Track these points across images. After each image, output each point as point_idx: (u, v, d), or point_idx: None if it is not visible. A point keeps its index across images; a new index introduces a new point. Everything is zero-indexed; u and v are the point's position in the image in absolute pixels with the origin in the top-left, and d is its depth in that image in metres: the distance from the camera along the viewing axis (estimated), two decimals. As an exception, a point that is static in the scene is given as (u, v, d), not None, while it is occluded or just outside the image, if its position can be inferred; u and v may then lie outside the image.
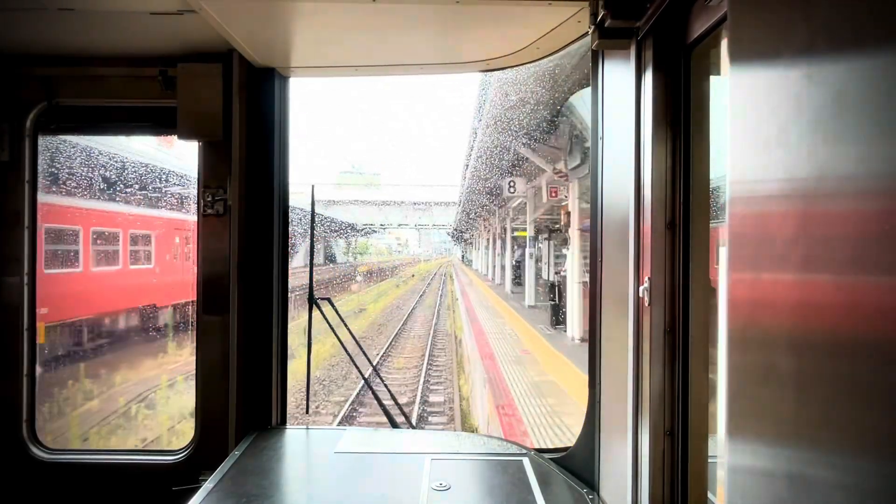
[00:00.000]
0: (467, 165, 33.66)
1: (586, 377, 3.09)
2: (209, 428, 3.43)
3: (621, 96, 2.55)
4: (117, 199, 15.30)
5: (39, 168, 3.64)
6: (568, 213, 20.73)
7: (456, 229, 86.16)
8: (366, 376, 3.91)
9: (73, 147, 11.77)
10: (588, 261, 3.21)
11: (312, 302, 3.68)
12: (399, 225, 78.23)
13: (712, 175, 2.18)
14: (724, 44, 2.01)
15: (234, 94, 3.36)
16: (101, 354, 13.82)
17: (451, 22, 2.87)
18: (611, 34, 2.36)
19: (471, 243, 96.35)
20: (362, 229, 73.24)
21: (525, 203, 30.10)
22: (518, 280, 39.58)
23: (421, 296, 47.94)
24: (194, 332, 3.48)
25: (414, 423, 11.88)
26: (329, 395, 16.73)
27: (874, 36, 0.92)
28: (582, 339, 26.51)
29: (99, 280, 14.77)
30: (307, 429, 3.70)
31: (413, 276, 76.38)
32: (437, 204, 74.33)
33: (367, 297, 42.86)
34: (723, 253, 1.60)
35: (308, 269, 3.88)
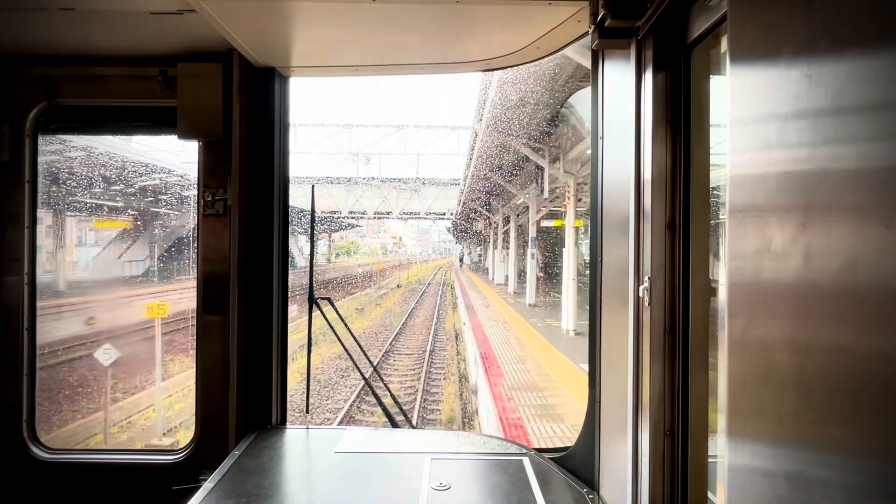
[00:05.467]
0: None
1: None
2: (209, 428, 3.43)
3: (621, 96, 2.56)
4: None
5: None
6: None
7: (458, 222, 66.29)
8: (366, 376, 3.91)
9: None
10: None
11: (312, 301, 3.68)
12: (376, 214, 52.87)
13: (712, 175, 2.19)
14: (724, 44, 2.01)
15: (234, 93, 3.36)
16: None
17: (451, 22, 2.87)
18: (611, 34, 2.36)
19: (483, 239, 75.22)
20: (324, 220, 51.99)
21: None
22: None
23: (390, 347, 22.87)
24: (194, 332, 3.48)
25: (414, 423, 11.86)
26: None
27: (874, 36, 0.92)
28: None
29: None
30: (307, 429, 3.70)
31: (398, 286, 54.69)
32: (430, 183, 50.29)
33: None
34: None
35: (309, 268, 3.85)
